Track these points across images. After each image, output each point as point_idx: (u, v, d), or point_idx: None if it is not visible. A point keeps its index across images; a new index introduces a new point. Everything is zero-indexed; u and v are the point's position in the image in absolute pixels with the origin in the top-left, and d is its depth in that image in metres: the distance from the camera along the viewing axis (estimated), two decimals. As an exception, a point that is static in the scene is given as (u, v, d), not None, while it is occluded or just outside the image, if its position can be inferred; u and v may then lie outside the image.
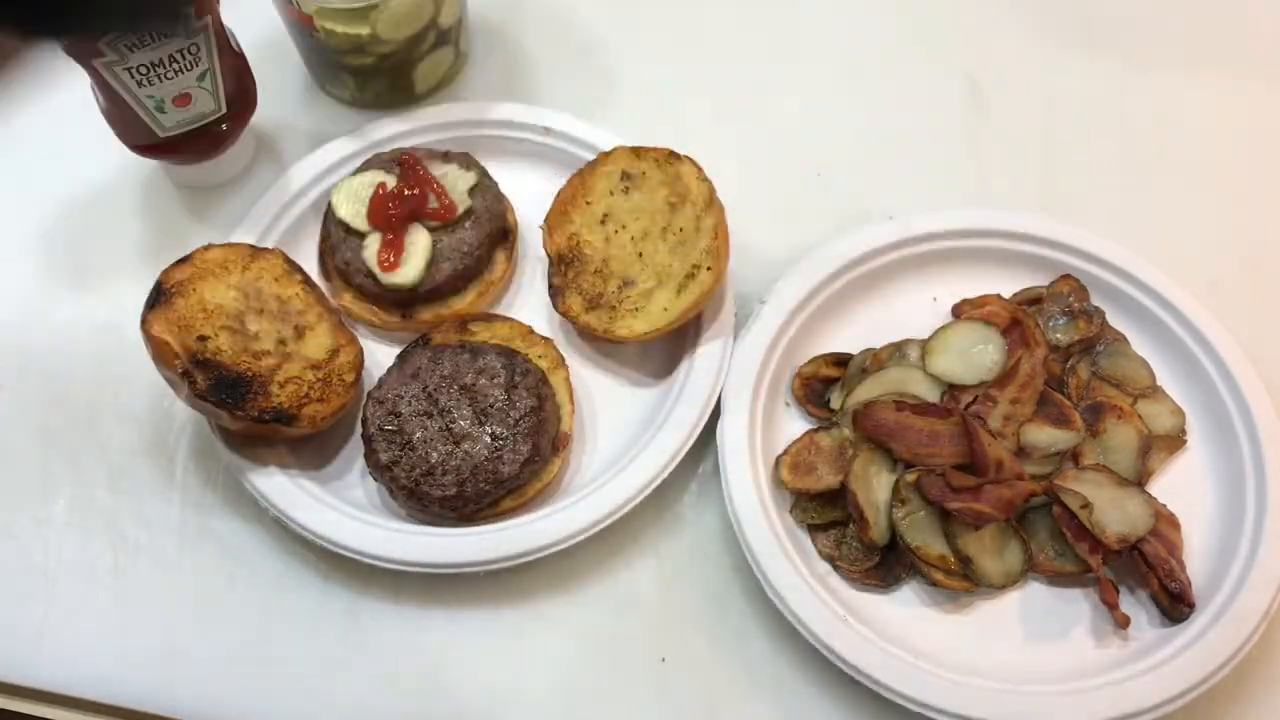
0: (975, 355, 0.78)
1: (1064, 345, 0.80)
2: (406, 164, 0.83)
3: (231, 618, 0.74)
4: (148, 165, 0.90)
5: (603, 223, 0.82)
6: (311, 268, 0.85)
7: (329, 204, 0.84)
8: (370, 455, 0.74)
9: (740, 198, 0.85)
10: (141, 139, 0.83)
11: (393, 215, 0.81)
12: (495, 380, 0.75)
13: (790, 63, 0.99)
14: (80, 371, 0.83)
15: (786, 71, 0.99)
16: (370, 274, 0.81)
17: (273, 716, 0.72)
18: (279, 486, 0.74)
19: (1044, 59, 0.99)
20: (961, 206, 0.86)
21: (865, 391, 0.78)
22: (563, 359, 0.80)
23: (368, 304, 0.83)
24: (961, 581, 0.72)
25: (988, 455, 0.73)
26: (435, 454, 0.73)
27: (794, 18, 1.01)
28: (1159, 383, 0.81)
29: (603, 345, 0.84)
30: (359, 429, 0.78)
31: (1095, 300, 0.83)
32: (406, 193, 0.82)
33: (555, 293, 0.82)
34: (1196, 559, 0.75)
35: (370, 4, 0.82)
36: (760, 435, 0.77)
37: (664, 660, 0.73)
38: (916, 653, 0.70)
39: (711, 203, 0.79)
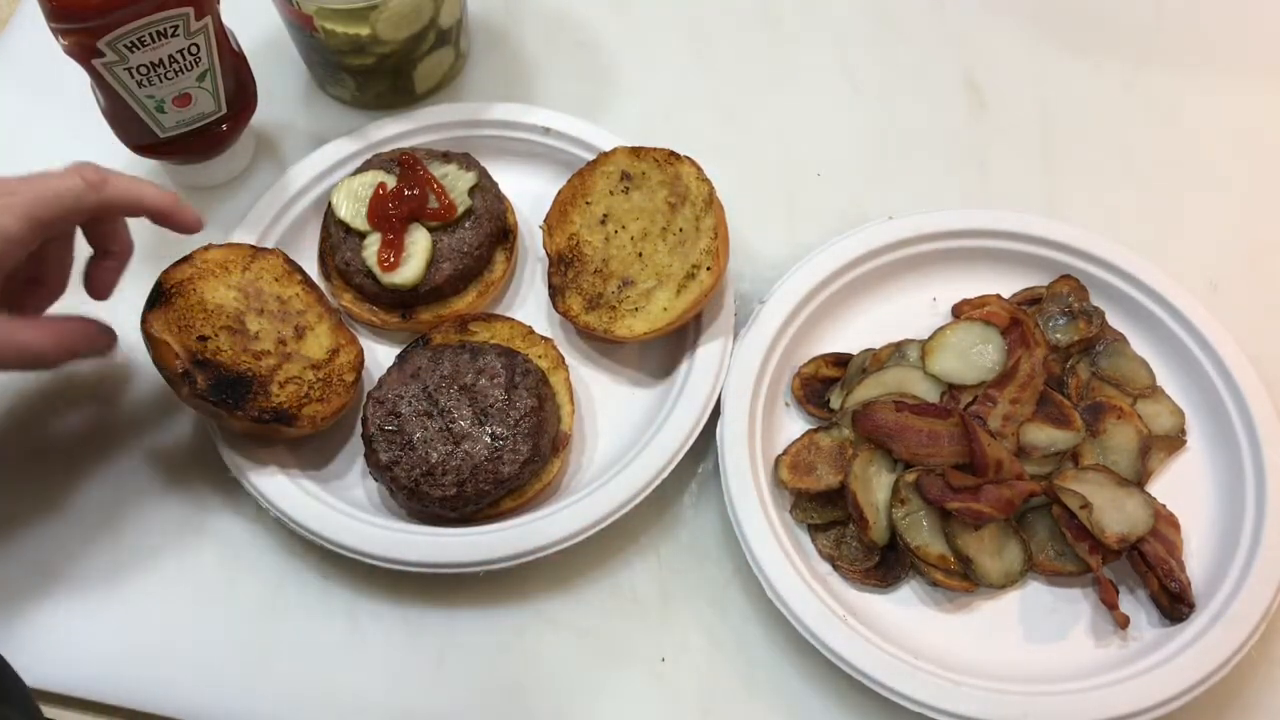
0: (975, 355, 0.78)
1: (1064, 345, 0.80)
2: (406, 164, 0.83)
3: (232, 618, 0.74)
4: (148, 165, 0.90)
5: (603, 223, 0.82)
6: (311, 268, 0.85)
7: (329, 204, 0.84)
8: (370, 455, 0.74)
9: (740, 198, 0.85)
10: (141, 139, 0.83)
11: (393, 215, 0.81)
12: (495, 380, 0.75)
13: (790, 63, 0.99)
14: (80, 372, 0.83)
15: (786, 72, 0.99)
16: (370, 274, 0.81)
17: (272, 716, 0.72)
18: (279, 486, 0.74)
19: (1043, 59, 0.99)
20: (961, 206, 0.86)
21: (865, 391, 0.78)
22: (563, 359, 0.80)
23: (368, 304, 0.83)
24: (961, 581, 0.72)
25: (987, 455, 0.73)
26: (435, 454, 0.73)
27: (794, 18, 1.01)
28: (1159, 383, 0.81)
29: (603, 345, 0.84)
30: (359, 429, 0.78)
31: (1095, 300, 0.83)
32: (406, 193, 0.82)
33: (555, 293, 0.82)
34: (1196, 559, 0.75)
35: (370, 4, 0.82)
36: (760, 435, 0.77)
37: (664, 660, 0.73)
38: (916, 653, 0.70)
39: (711, 203, 0.79)
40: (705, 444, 0.78)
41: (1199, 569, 0.74)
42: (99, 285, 0.74)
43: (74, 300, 0.74)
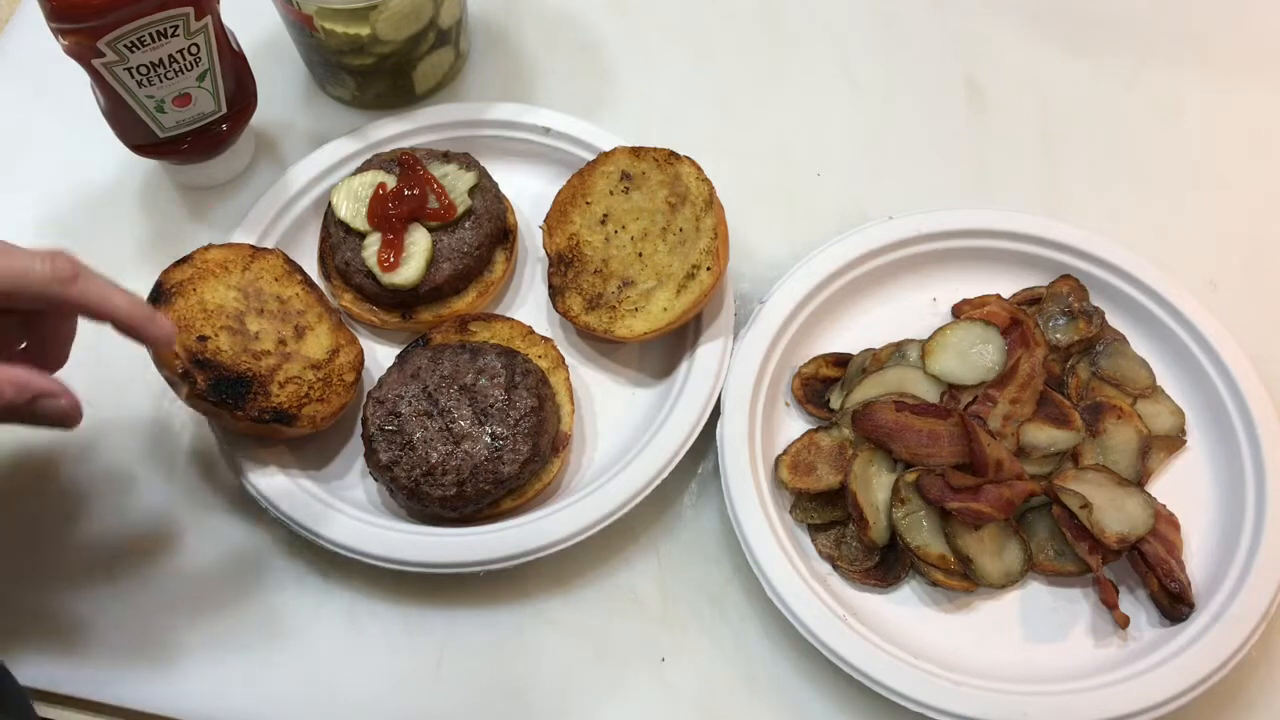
0: (975, 355, 0.78)
1: (1064, 345, 0.80)
2: (406, 164, 0.83)
3: (232, 617, 0.74)
4: (148, 165, 0.90)
5: (603, 223, 0.82)
6: (311, 268, 0.85)
7: (329, 204, 0.84)
8: (370, 455, 0.74)
9: (740, 198, 0.85)
10: (141, 139, 0.83)
11: (393, 215, 0.81)
12: (495, 380, 0.75)
13: (790, 63, 0.99)
14: (80, 372, 0.83)
15: (786, 71, 0.99)
16: (370, 274, 0.81)
17: (273, 716, 0.72)
18: (279, 486, 0.74)
19: (1043, 59, 0.99)
20: (961, 206, 0.86)
21: (865, 391, 0.78)
22: (563, 359, 0.80)
23: (368, 304, 0.83)
24: (961, 581, 0.72)
25: (987, 455, 0.73)
26: (435, 454, 0.73)
27: (794, 18, 1.01)
28: (1159, 383, 0.81)
29: (603, 345, 0.84)
30: (359, 429, 0.79)
31: (1095, 300, 0.83)
32: (406, 193, 0.82)
33: (555, 293, 0.82)
34: (1196, 559, 0.75)
35: (370, 4, 0.82)
36: (760, 435, 0.77)
37: (664, 660, 0.73)
38: (916, 653, 0.70)
39: (711, 203, 0.79)
40: (705, 444, 0.78)
41: (1199, 569, 0.74)
42: None
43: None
